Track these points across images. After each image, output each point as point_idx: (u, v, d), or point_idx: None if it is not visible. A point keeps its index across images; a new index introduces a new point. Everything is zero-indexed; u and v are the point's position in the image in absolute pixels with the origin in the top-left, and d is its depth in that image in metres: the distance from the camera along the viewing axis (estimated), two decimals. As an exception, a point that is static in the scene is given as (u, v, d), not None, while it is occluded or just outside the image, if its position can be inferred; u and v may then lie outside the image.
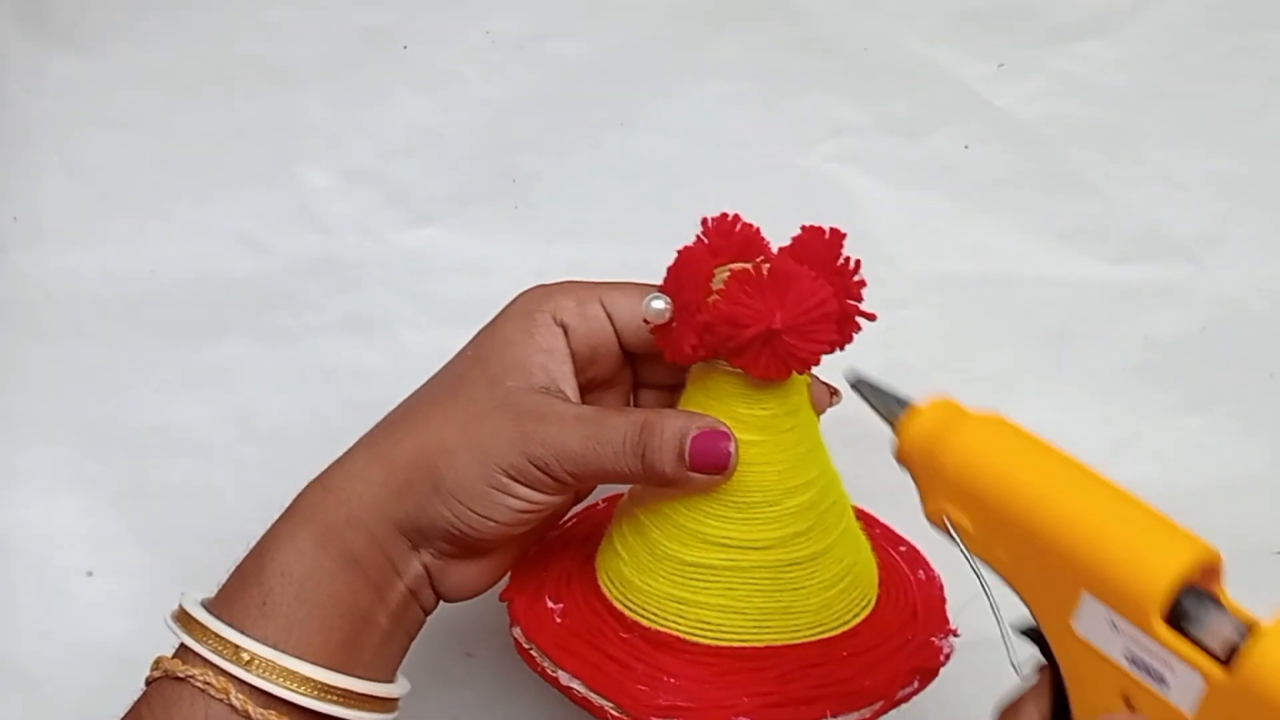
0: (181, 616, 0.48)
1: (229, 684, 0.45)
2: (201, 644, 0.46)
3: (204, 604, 0.48)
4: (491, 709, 0.67)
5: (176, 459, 0.66)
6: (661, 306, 0.48)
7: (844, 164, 0.63)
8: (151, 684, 0.48)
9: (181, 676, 0.46)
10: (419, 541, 0.49)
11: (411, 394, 0.51)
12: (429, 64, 0.63)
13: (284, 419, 0.66)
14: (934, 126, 0.63)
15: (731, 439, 0.47)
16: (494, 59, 0.63)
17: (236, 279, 0.65)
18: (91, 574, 0.67)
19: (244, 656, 0.46)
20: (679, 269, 0.48)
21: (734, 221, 0.49)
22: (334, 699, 0.47)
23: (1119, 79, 0.61)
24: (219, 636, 0.46)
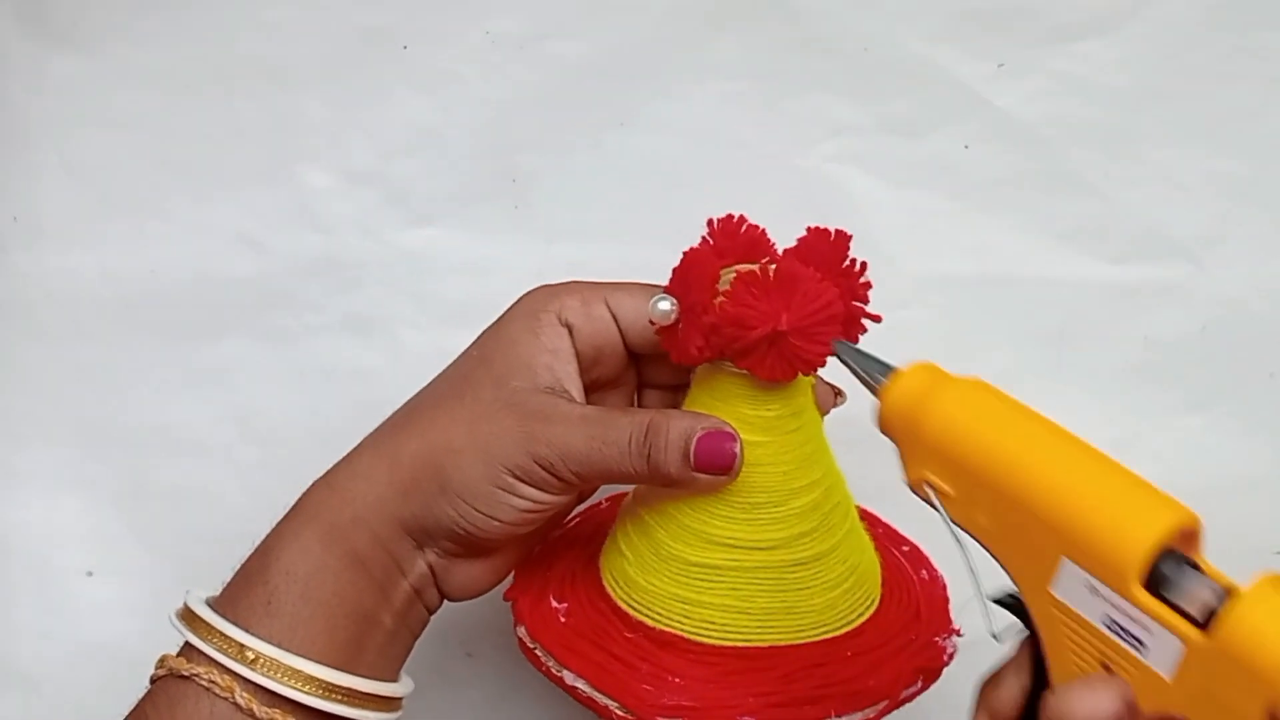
0: (186, 615, 0.48)
1: (234, 682, 0.46)
2: (206, 642, 0.46)
3: (209, 602, 0.48)
4: (492, 709, 0.67)
5: (176, 459, 0.66)
6: (667, 308, 0.48)
7: (844, 164, 0.63)
8: (156, 682, 0.48)
9: (186, 675, 0.46)
10: (424, 541, 0.49)
11: (417, 394, 0.51)
12: (429, 64, 0.63)
13: (284, 419, 0.66)
14: (934, 126, 0.63)
15: (737, 440, 0.47)
16: (494, 59, 0.63)
17: (236, 279, 0.65)
18: (91, 574, 0.67)
19: (249, 655, 0.46)
20: (685, 270, 0.48)
21: (739, 223, 0.50)
22: (338, 698, 0.47)
23: (1119, 79, 0.61)
24: (224, 635, 0.46)
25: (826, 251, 0.48)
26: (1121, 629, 0.35)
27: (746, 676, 0.48)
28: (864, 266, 0.48)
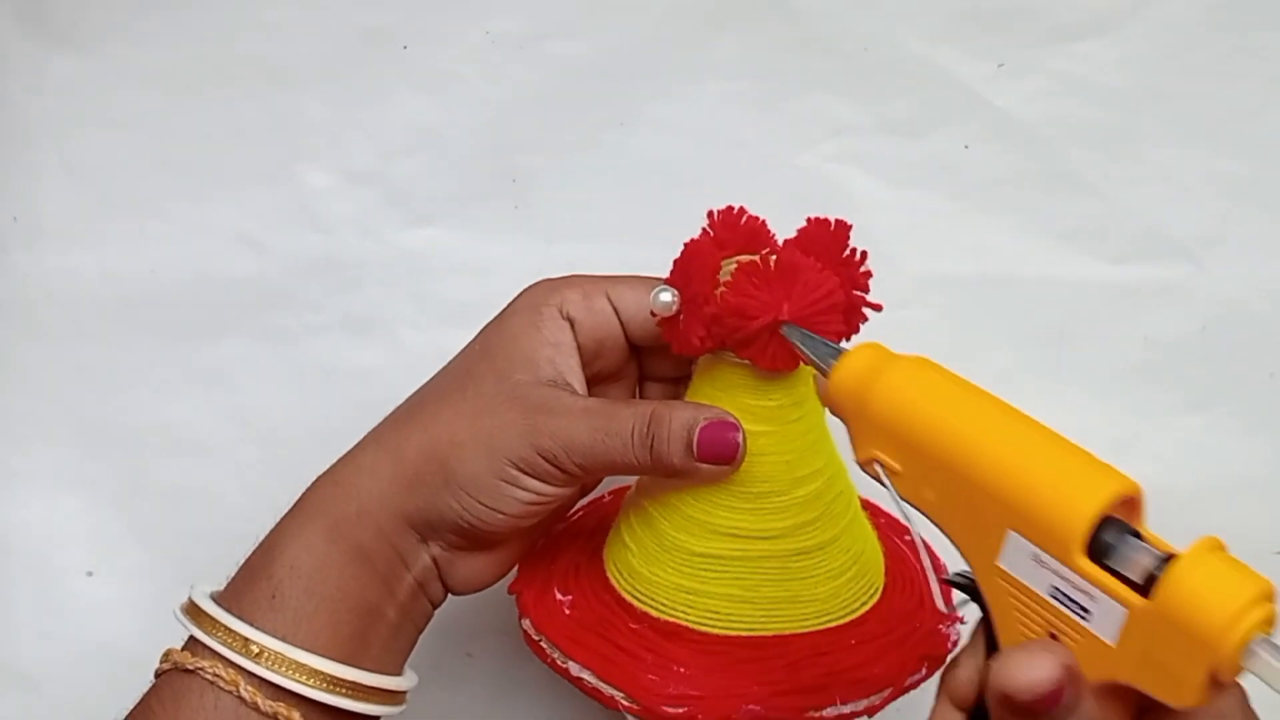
0: (191, 609, 0.48)
1: (238, 676, 0.46)
2: (211, 636, 0.46)
3: (213, 597, 0.48)
4: (492, 708, 0.67)
5: (176, 459, 0.66)
6: (669, 299, 0.48)
7: (844, 164, 0.63)
8: (160, 676, 0.48)
9: (191, 669, 0.46)
10: (428, 534, 0.49)
11: (420, 388, 0.52)
12: (429, 64, 0.63)
13: (284, 419, 0.66)
14: (934, 126, 0.63)
15: (739, 429, 0.47)
16: (494, 59, 0.63)
17: (236, 279, 0.65)
18: (91, 574, 0.67)
19: (253, 649, 0.46)
20: (686, 262, 0.48)
21: (740, 214, 0.50)
22: (342, 691, 0.47)
23: (1119, 79, 0.61)
24: (228, 629, 0.46)
25: (827, 241, 0.48)
26: (1066, 597, 0.36)
27: (751, 665, 0.48)
28: (864, 256, 0.48)
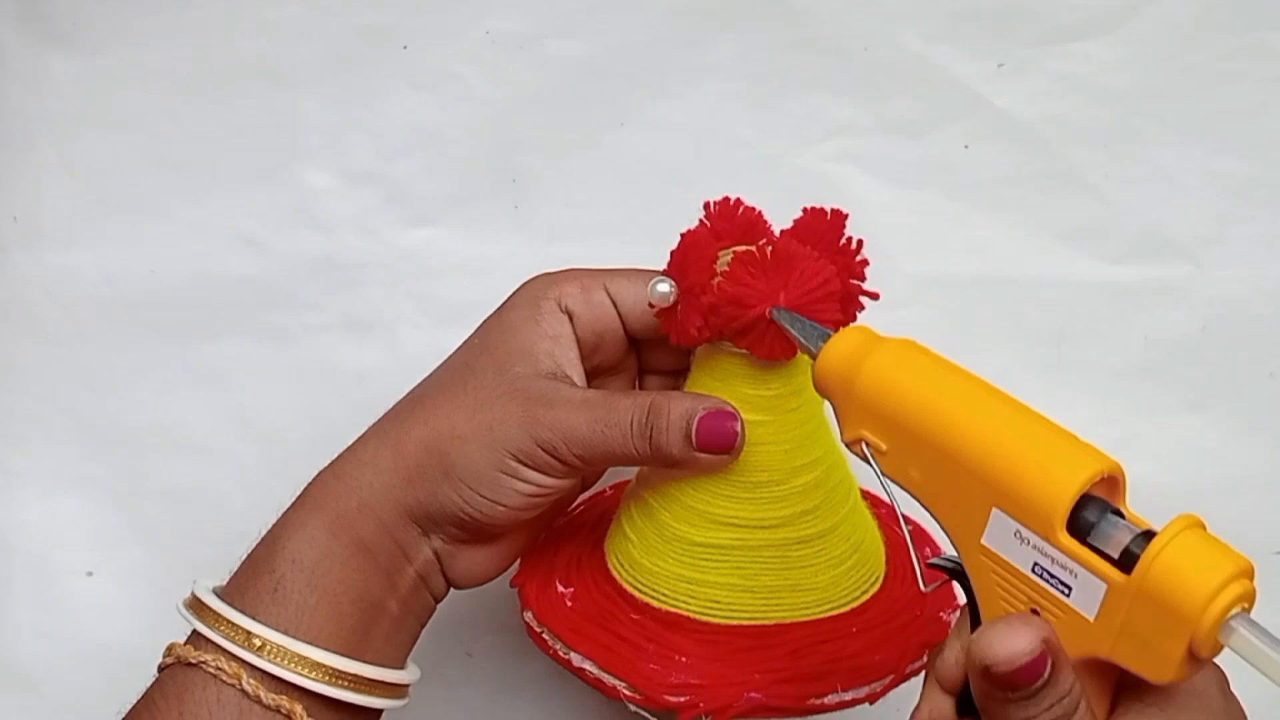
0: (193, 603, 0.48)
1: (241, 669, 0.46)
2: (213, 630, 0.47)
3: (216, 591, 0.49)
4: (492, 708, 0.67)
5: (176, 459, 0.66)
6: (666, 290, 0.48)
7: (844, 164, 0.63)
8: (164, 670, 0.48)
9: (194, 662, 0.46)
10: (429, 528, 0.49)
11: (420, 382, 0.52)
12: (429, 64, 0.63)
13: (284, 419, 0.66)
14: (934, 126, 0.63)
15: (738, 419, 0.47)
16: (494, 59, 0.63)
17: (236, 279, 0.65)
18: (91, 574, 0.67)
19: (255, 642, 0.46)
20: (682, 252, 0.48)
21: (736, 205, 0.50)
22: (345, 684, 0.47)
23: (1119, 79, 0.61)
24: (230, 623, 0.47)
25: (823, 230, 0.48)
26: (1048, 574, 0.37)
27: (752, 654, 0.48)
28: (860, 244, 0.49)
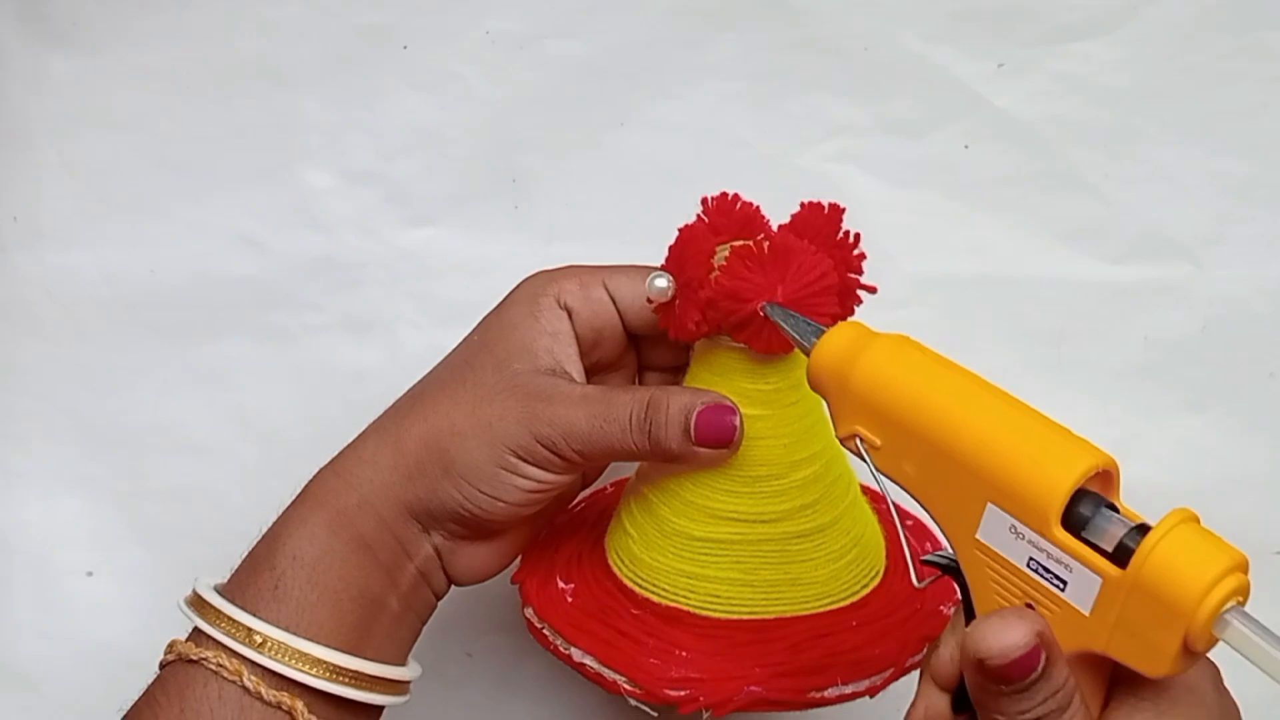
0: (195, 600, 0.48)
1: (241, 666, 0.46)
2: (214, 627, 0.47)
3: (217, 588, 0.49)
4: (492, 708, 0.67)
5: (176, 459, 0.66)
6: (664, 285, 0.48)
7: (843, 164, 0.63)
8: (165, 667, 0.48)
9: (195, 659, 0.47)
10: (429, 524, 0.50)
11: (420, 380, 0.52)
12: (429, 64, 0.63)
13: (284, 419, 0.66)
14: (934, 126, 0.63)
15: (736, 413, 0.47)
16: (494, 59, 0.63)
17: (236, 279, 0.65)
18: (91, 574, 0.67)
19: (256, 639, 0.46)
20: (680, 247, 0.48)
21: (734, 200, 0.50)
22: (345, 680, 0.47)
23: (1119, 79, 0.61)
24: (231, 619, 0.47)
25: (820, 225, 0.48)
26: (1043, 568, 0.37)
27: (752, 648, 0.48)
28: (858, 238, 0.49)
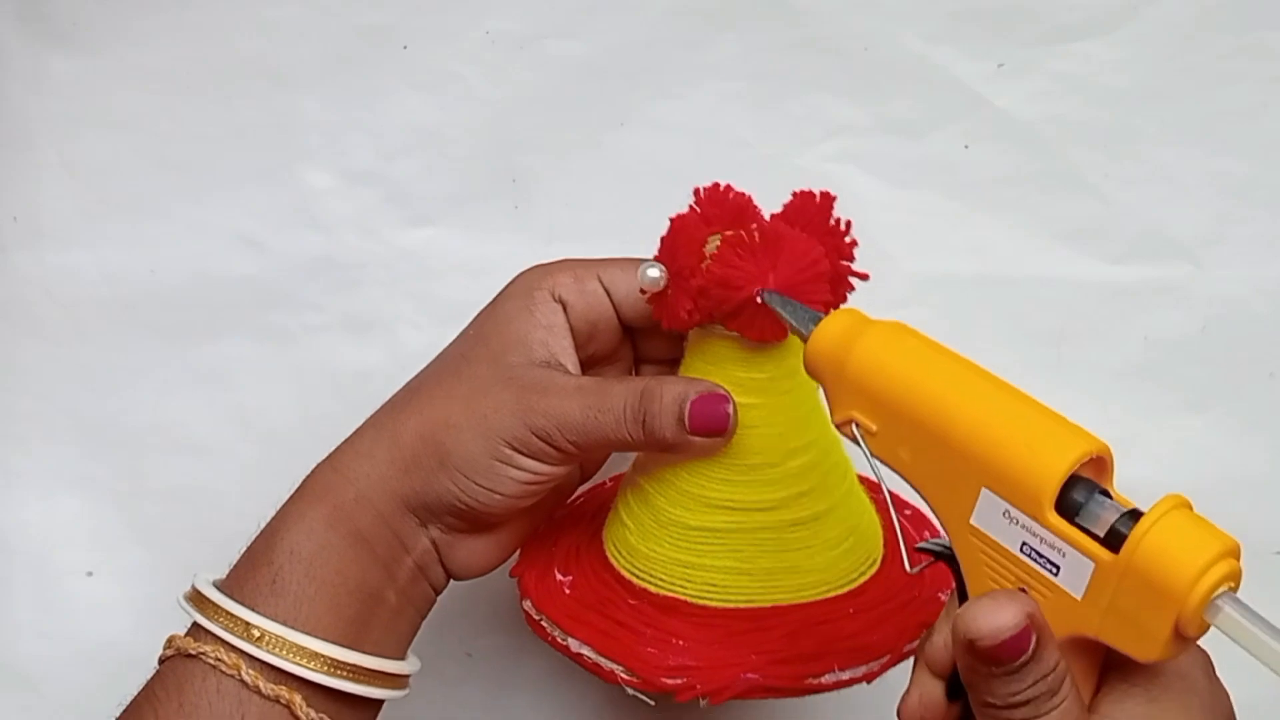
0: (193, 596, 0.48)
1: (240, 660, 0.46)
2: (213, 621, 0.47)
3: (215, 583, 0.49)
4: (492, 708, 0.67)
5: (176, 459, 0.66)
6: (656, 275, 0.48)
7: (843, 164, 0.63)
8: (164, 662, 0.48)
9: (193, 654, 0.47)
10: (426, 518, 0.50)
11: (416, 374, 0.52)
12: (429, 64, 0.63)
13: (284, 419, 0.66)
14: (934, 126, 0.63)
15: (730, 401, 0.47)
16: (494, 59, 0.63)
17: (236, 279, 0.65)
18: (91, 574, 0.67)
19: (254, 633, 0.46)
20: (672, 236, 0.48)
21: (726, 191, 0.50)
22: (344, 674, 0.47)
23: (1119, 79, 0.61)
24: (229, 614, 0.47)
25: (812, 213, 0.49)
26: (1036, 553, 0.37)
27: (749, 636, 0.48)
28: (849, 225, 0.49)
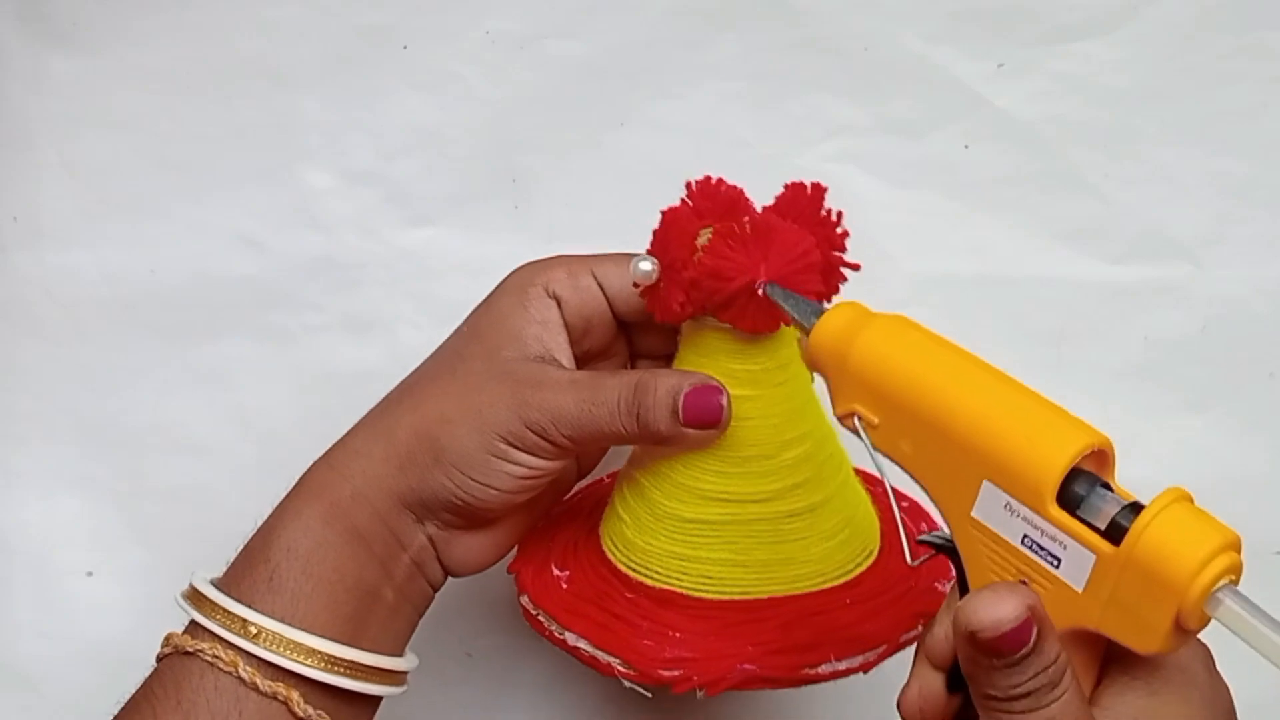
0: (190, 593, 0.48)
1: (237, 657, 0.46)
2: (210, 619, 0.47)
3: (213, 581, 0.49)
4: (492, 708, 0.67)
5: (176, 459, 0.66)
6: (649, 268, 0.48)
7: (843, 164, 0.63)
8: (162, 660, 0.48)
9: (191, 651, 0.47)
10: (423, 514, 0.50)
11: (411, 372, 0.52)
12: (429, 64, 0.63)
13: (284, 419, 0.66)
14: (934, 126, 0.63)
15: (724, 393, 0.47)
16: (494, 59, 0.63)
17: (236, 279, 0.65)
18: (91, 574, 0.67)
19: (251, 630, 0.46)
20: (664, 229, 0.49)
21: (718, 184, 0.50)
22: (341, 671, 0.47)
23: (1119, 79, 0.61)
24: (226, 611, 0.47)
25: (803, 204, 0.49)
26: (1038, 546, 0.37)
27: (746, 627, 0.48)
28: (840, 216, 0.49)
